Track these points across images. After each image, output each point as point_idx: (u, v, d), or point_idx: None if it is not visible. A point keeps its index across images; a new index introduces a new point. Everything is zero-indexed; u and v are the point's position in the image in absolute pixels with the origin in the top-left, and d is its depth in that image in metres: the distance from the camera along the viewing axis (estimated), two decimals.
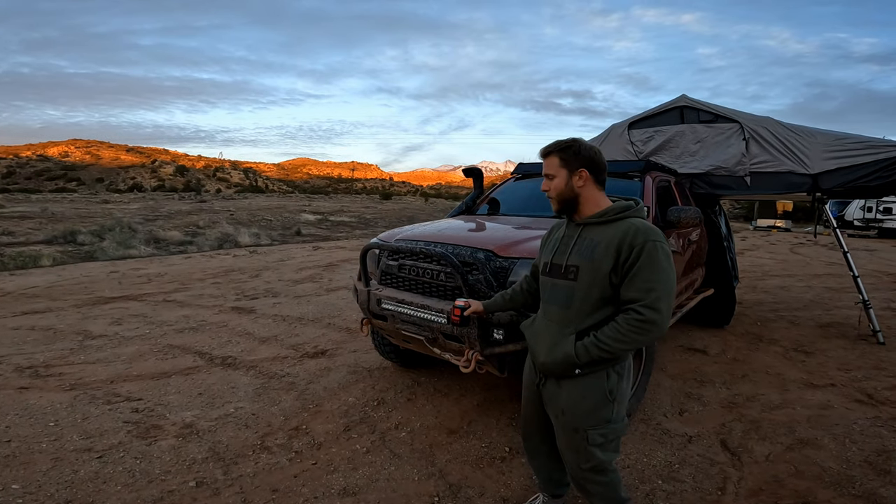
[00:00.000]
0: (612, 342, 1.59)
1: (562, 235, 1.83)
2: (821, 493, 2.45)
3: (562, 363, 1.69)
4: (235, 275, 8.54)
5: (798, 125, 5.02)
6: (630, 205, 1.72)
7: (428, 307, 2.76)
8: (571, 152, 1.72)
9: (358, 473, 2.60)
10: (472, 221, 3.76)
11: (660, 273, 1.57)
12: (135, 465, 2.61)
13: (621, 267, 1.60)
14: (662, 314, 1.55)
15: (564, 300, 1.72)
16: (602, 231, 1.68)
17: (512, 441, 2.95)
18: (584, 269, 1.67)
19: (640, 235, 1.59)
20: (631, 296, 1.59)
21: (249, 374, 3.92)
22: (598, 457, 1.75)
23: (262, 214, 25.17)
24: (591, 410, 1.71)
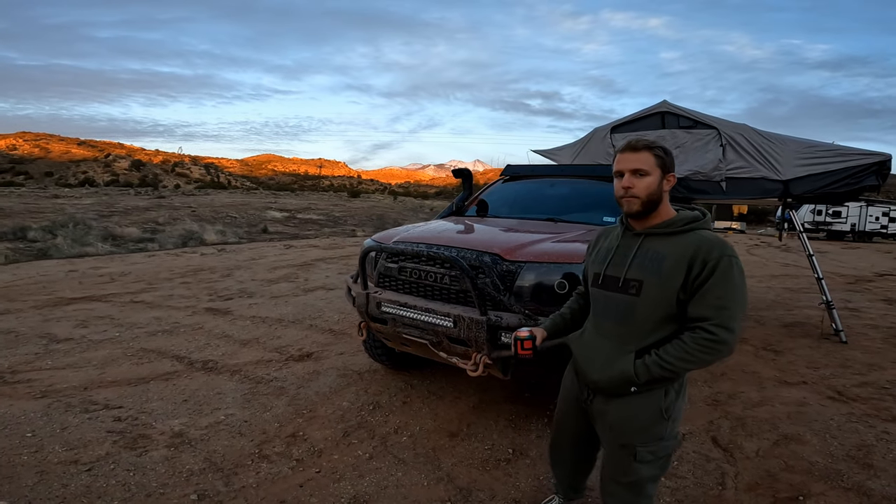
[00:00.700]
0: (677, 361, 1.50)
1: (615, 245, 1.69)
2: (814, 487, 2.56)
3: (618, 382, 1.60)
4: (205, 274, 8.24)
5: (772, 133, 5.23)
6: (698, 215, 1.59)
7: (433, 311, 2.72)
8: (665, 153, 1.59)
9: (365, 481, 2.54)
10: (469, 223, 3.73)
11: (734, 290, 1.46)
12: (129, 478, 2.47)
13: (691, 283, 1.49)
14: (735, 334, 1.45)
15: (622, 316, 1.61)
16: (668, 243, 1.55)
17: (513, 442, 2.95)
18: (649, 284, 1.54)
19: (716, 250, 1.48)
20: (700, 313, 1.48)
21: (234, 379, 3.78)
22: (642, 473, 1.67)
23: (226, 211, 24.39)
24: (644, 428, 1.63)
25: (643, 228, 1.62)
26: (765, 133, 5.19)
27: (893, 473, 2.69)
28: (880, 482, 2.60)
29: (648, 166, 1.56)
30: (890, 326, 6.06)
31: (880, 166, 4.70)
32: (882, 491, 2.52)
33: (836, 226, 29.48)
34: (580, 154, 6.25)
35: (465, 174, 4.57)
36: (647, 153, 1.56)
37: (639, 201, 1.57)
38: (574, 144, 6.49)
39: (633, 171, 1.57)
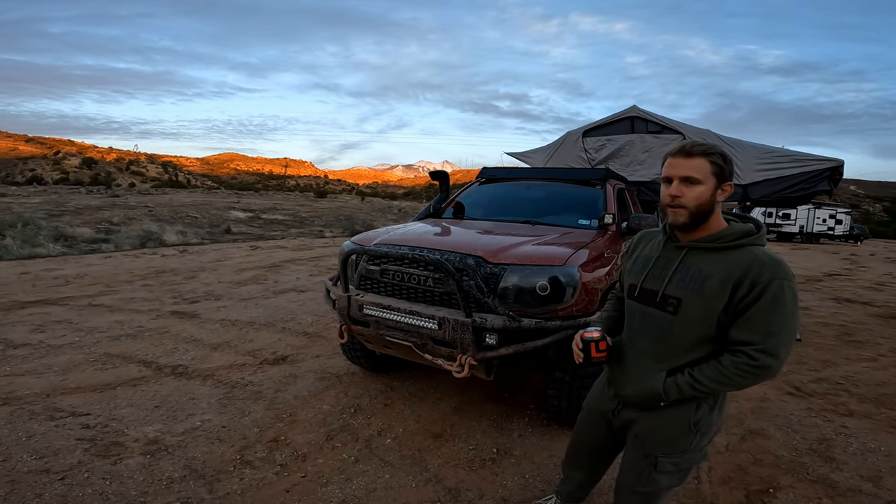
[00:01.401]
0: (711, 383, 1.43)
1: (655, 256, 1.57)
2: (782, 479, 2.67)
3: (647, 398, 1.56)
4: (168, 276, 7.93)
5: (733, 138, 5.47)
6: (751, 229, 1.45)
7: (417, 313, 2.73)
8: (724, 160, 1.44)
9: (353, 484, 2.51)
10: (449, 226, 3.74)
11: (785, 316, 1.35)
12: (105, 487, 2.37)
13: (736, 305, 1.39)
14: (781, 361, 1.37)
15: (659, 333, 1.53)
16: (715, 259, 1.43)
17: (497, 442, 2.97)
18: (689, 303, 1.44)
19: (767, 272, 1.35)
20: (744, 337, 1.39)
21: (208, 384, 3.66)
22: (660, 483, 1.62)
23: (186, 211, 23.58)
24: (670, 440, 1.57)
25: (688, 241, 1.50)
26: (726, 138, 5.42)
27: (854, 466, 2.83)
28: (843, 475, 2.74)
29: (702, 174, 1.42)
30: (841, 324, 6.42)
31: (833, 172, 4.97)
32: (846, 483, 2.66)
33: (786, 227, 31.16)
34: (553, 157, 6.37)
35: (443, 176, 4.58)
36: (703, 159, 1.43)
37: (686, 212, 1.45)
38: (547, 147, 6.61)
39: (683, 178, 1.44)
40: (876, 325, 6.44)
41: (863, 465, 2.85)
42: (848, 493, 2.56)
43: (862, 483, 2.66)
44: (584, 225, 3.75)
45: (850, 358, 4.92)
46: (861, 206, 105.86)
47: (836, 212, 31.68)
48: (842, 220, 31.97)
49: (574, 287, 2.70)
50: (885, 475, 2.75)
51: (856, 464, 2.87)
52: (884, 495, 2.56)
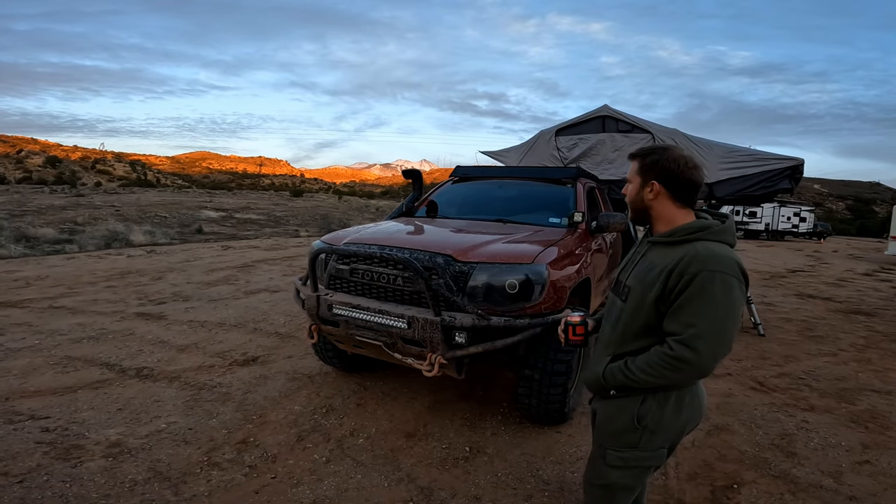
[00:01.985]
0: (638, 372, 1.45)
1: (634, 251, 1.67)
2: (746, 475, 2.71)
3: (594, 383, 1.62)
4: (134, 277, 7.71)
5: (700, 137, 5.58)
6: (707, 224, 1.46)
7: (387, 312, 2.71)
8: (650, 160, 1.52)
9: (324, 485, 2.48)
10: (420, 224, 3.73)
11: (709, 308, 1.34)
12: (65, 490, 2.31)
13: (668, 296, 1.41)
14: (700, 354, 1.35)
15: (613, 320, 1.60)
16: (664, 253, 1.47)
17: (470, 440, 2.97)
18: (634, 291, 1.51)
19: (697, 263, 1.36)
20: (671, 328, 1.41)
21: (174, 386, 3.57)
22: (611, 478, 1.62)
23: (155, 211, 22.95)
24: (616, 432, 1.58)
25: (652, 237, 1.58)
26: (693, 138, 5.53)
27: (815, 461, 2.88)
28: (804, 470, 2.79)
29: (630, 174, 1.57)
30: (803, 320, 6.65)
31: (794, 170, 5.13)
32: (807, 478, 2.70)
33: (752, 225, 32.18)
34: (526, 156, 6.42)
35: (416, 175, 4.56)
36: (635, 161, 1.57)
37: (628, 207, 1.61)
38: (520, 146, 6.66)
39: (627, 179, 1.60)
40: (837, 321, 6.68)
41: (824, 461, 2.89)
42: (809, 489, 2.59)
43: (823, 478, 2.69)
44: (555, 223, 3.78)
45: (812, 353, 5.07)
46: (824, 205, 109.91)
47: (800, 210, 32.84)
48: (806, 218, 33.15)
49: (542, 285, 2.71)
50: (845, 470, 2.79)
51: (817, 459, 2.91)
52: (844, 490, 2.59)
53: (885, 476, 2.75)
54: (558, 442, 2.98)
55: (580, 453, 2.85)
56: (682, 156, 1.51)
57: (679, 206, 1.52)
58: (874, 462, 2.90)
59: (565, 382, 2.87)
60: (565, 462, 2.77)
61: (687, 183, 1.50)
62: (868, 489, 2.61)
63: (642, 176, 1.54)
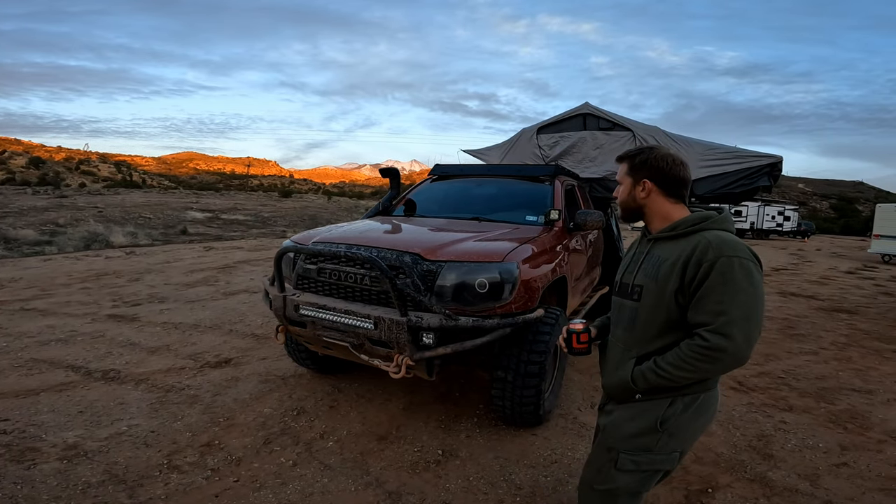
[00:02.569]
0: (672, 369, 1.41)
1: (633, 252, 1.67)
2: (721, 478, 2.64)
3: (620, 387, 1.57)
4: (110, 279, 7.55)
5: (679, 135, 5.52)
6: (708, 215, 1.49)
7: (353, 312, 2.64)
8: (639, 160, 1.55)
9: (288, 488, 2.40)
10: (393, 223, 3.66)
11: (736, 294, 1.33)
12: (16, 491, 2.25)
13: (687, 287, 1.40)
14: (735, 341, 1.32)
15: (628, 322, 1.57)
16: (671, 247, 1.48)
17: (443, 443, 2.91)
18: (647, 288, 1.50)
19: (712, 250, 1.36)
20: (699, 319, 1.38)
21: (140, 389, 3.47)
22: (618, 482, 1.57)
23: (139, 212, 22.62)
24: (633, 435, 1.54)
25: (653, 233, 1.59)
26: (673, 135, 5.48)
27: (792, 464, 2.82)
28: (780, 473, 2.72)
29: (620, 176, 1.62)
30: (784, 318, 6.66)
31: (772, 167, 5.09)
32: (783, 482, 2.63)
33: (738, 224, 32.58)
34: (508, 154, 6.36)
35: (393, 173, 4.49)
36: (623, 163, 1.61)
37: (619, 209, 1.66)
38: (502, 145, 6.60)
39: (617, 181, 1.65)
40: (819, 319, 6.71)
41: (800, 463, 2.83)
42: (784, 493, 2.53)
43: (799, 482, 2.63)
44: (532, 221, 3.72)
45: (793, 351, 5.06)
46: (809, 204, 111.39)
47: (784, 209, 33.24)
48: (790, 217, 33.55)
49: (513, 284, 2.65)
50: (822, 473, 2.73)
51: (794, 461, 2.85)
52: (820, 495, 2.52)
53: (863, 479, 2.69)
54: (533, 445, 2.91)
55: (555, 456, 2.79)
56: (670, 154, 1.55)
57: (672, 201, 1.55)
58: (852, 464, 2.84)
59: (539, 384, 2.80)
60: (539, 466, 2.70)
61: (676, 179, 1.53)
62: (845, 493, 2.55)
63: (633, 176, 1.57)
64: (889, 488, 2.59)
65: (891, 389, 4.04)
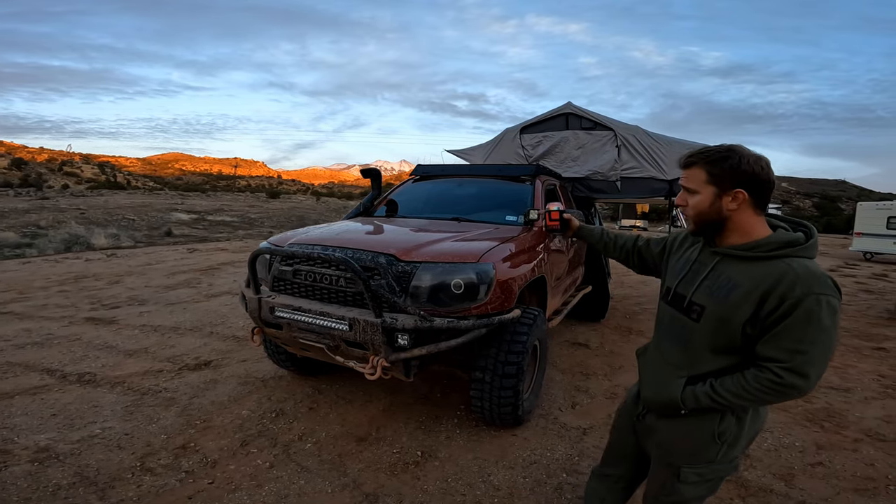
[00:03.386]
0: (731, 396, 1.33)
1: (693, 259, 1.50)
2: None
3: (666, 405, 1.49)
4: (89, 281, 7.43)
5: (660, 134, 5.56)
6: (795, 239, 1.32)
7: (328, 314, 2.62)
8: (727, 165, 1.33)
9: (264, 490, 2.38)
10: (371, 224, 3.65)
11: (818, 334, 1.23)
12: None
13: (763, 319, 1.28)
14: (809, 380, 1.26)
15: (681, 340, 1.47)
16: (747, 270, 1.33)
17: (423, 444, 2.89)
18: (711, 311, 1.37)
19: (800, 286, 1.23)
20: (770, 354, 1.29)
21: (115, 392, 3.42)
22: (685, 494, 1.53)
23: (122, 213, 22.32)
24: (692, 450, 1.48)
25: (723, 247, 1.41)
26: (653, 135, 5.52)
27: (768, 463, 2.81)
28: (756, 473, 2.71)
29: (696, 184, 1.39)
30: None
31: None
32: (758, 482, 2.62)
33: None
34: (492, 154, 6.37)
35: (374, 174, 4.47)
36: (698, 169, 1.38)
37: (691, 221, 1.44)
38: (486, 145, 6.61)
39: (684, 188, 1.43)
40: None
41: (776, 462, 2.82)
42: (759, 494, 2.51)
43: (774, 482, 2.62)
44: (511, 221, 3.73)
45: None
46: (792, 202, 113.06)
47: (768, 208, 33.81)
48: None
49: (488, 284, 2.64)
50: (797, 473, 2.72)
51: (769, 461, 2.84)
52: (795, 495, 2.51)
53: (838, 479, 2.68)
54: (513, 445, 2.90)
55: (534, 457, 2.79)
56: (756, 154, 1.35)
57: (758, 213, 1.38)
58: (827, 464, 2.83)
59: (517, 384, 2.80)
60: (518, 466, 2.69)
61: (769, 185, 1.35)
62: (820, 493, 2.54)
63: (718, 185, 1.35)
64: (863, 488, 2.59)
65: (869, 387, 4.08)
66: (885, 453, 2.97)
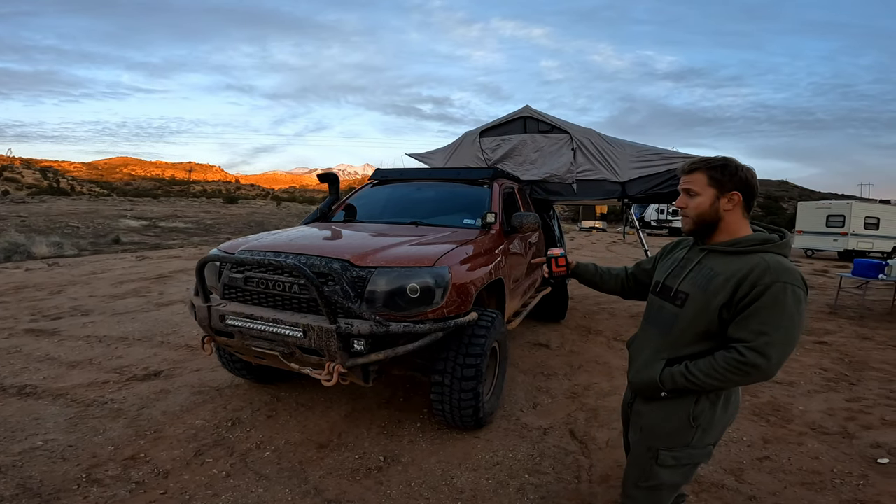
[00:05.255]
0: (702, 376, 1.48)
1: (682, 257, 1.69)
2: None
3: (647, 385, 1.64)
4: (29, 292, 7.00)
5: (613, 137, 5.73)
6: (770, 237, 1.52)
7: (281, 321, 2.57)
8: (727, 172, 1.53)
9: (220, 499, 2.32)
10: (327, 229, 3.60)
11: (782, 319, 1.39)
12: None
13: (736, 304, 1.45)
14: (770, 361, 1.40)
15: (665, 325, 1.63)
16: (727, 262, 1.52)
17: (385, 449, 2.86)
18: (694, 298, 1.54)
19: (770, 275, 1.40)
20: (738, 335, 1.44)
21: (58, 404, 3.26)
22: (662, 478, 1.65)
23: (66, 220, 21.11)
24: (670, 433, 1.62)
25: (708, 244, 1.61)
26: (607, 138, 5.68)
27: (718, 458, 2.84)
28: (707, 468, 2.74)
29: (699, 187, 1.56)
30: None
31: None
32: (710, 477, 2.66)
33: (676, 223, 34.53)
34: (452, 157, 6.42)
35: (332, 179, 4.44)
36: (700, 174, 1.56)
37: (690, 220, 1.60)
38: (446, 148, 6.65)
39: (685, 190, 1.60)
40: None
41: (726, 458, 2.86)
42: (711, 489, 2.56)
43: (724, 477, 2.66)
44: (469, 224, 3.76)
45: None
46: None
47: None
48: None
49: (444, 288, 2.65)
50: (746, 467, 2.77)
51: (720, 456, 2.87)
52: (745, 490, 2.55)
53: (785, 473, 2.74)
54: (475, 448, 2.91)
55: (497, 458, 2.80)
56: (747, 165, 1.56)
57: (745, 216, 1.58)
58: (774, 458, 2.89)
59: (476, 387, 2.81)
60: (481, 468, 2.70)
61: (756, 191, 1.55)
62: (768, 487, 2.59)
63: (718, 187, 1.54)
64: (810, 482, 2.65)
65: (811, 381, 4.21)
66: (829, 446, 3.04)
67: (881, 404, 3.75)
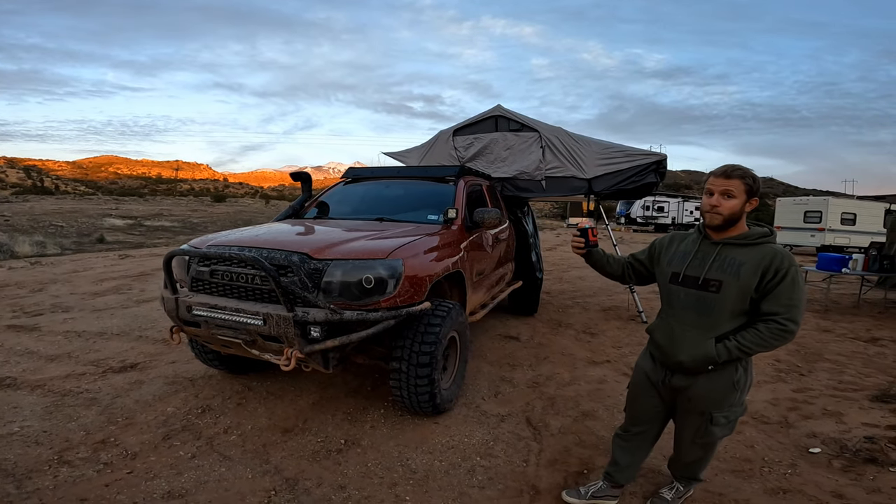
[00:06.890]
0: (752, 345, 1.88)
1: (693, 250, 2.03)
2: (598, 460, 2.78)
3: (701, 362, 1.96)
4: (10, 290, 7.06)
5: (580, 135, 5.85)
6: (767, 232, 1.95)
7: (243, 310, 2.73)
8: (756, 182, 1.91)
9: (183, 478, 2.47)
10: (296, 225, 3.75)
11: (800, 293, 1.85)
12: None
13: (765, 286, 1.86)
14: (798, 325, 1.85)
15: (705, 309, 1.96)
16: (745, 252, 1.91)
17: (347, 434, 3.00)
18: (728, 284, 1.90)
19: (786, 261, 1.85)
20: (773, 309, 1.86)
21: (35, 394, 3.40)
22: (716, 434, 2.09)
23: (50, 219, 20.96)
24: (720, 398, 2.02)
25: (721, 238, 1.97)
26: (574, 135, 5.80)
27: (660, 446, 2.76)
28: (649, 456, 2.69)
29: (737, 191, 1.89)
30: None
31: (658, 165, 5.49)
32: (649, 463, 2.67)
33: (661, 219, 34.89)
34: (426, 156, 6.55)
35: (304, 177, 4.60)
36: (739, 181, 1.88)
37: (721, 218, 1.92)
38: (421, 147, 6.78)
39: (722, 192, 1.90)
40: None
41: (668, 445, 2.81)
42: (649, 475, 2.64)
43: (662, 464, 2.67)
44: (433, 220, 3.91)
45: None
46: None
47: None
48: None
49: (396, 279, 2.81)
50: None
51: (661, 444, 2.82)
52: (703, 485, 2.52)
53: (718, 460, 2.77)
54: (433, 432, 3.03)
55: (452, 442, 2.92)
56: None
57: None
58: None
59: (431, 373, 2.96)
60: (436, 451, 2.83)
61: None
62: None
63: (749, 194, 1.91)
64: (739, 469, 2.71)
65: (764, 372, 4.30)
66: (766, 435, 3.13)
67: (826, 395, 3.85)
